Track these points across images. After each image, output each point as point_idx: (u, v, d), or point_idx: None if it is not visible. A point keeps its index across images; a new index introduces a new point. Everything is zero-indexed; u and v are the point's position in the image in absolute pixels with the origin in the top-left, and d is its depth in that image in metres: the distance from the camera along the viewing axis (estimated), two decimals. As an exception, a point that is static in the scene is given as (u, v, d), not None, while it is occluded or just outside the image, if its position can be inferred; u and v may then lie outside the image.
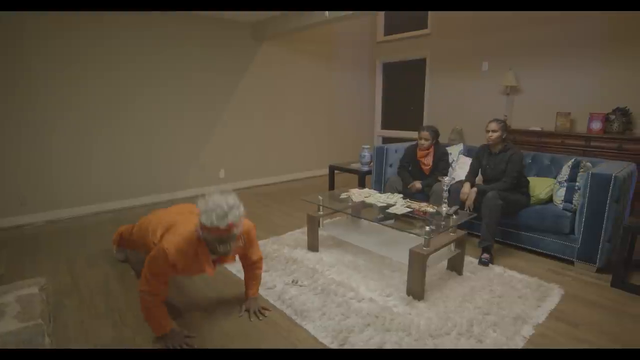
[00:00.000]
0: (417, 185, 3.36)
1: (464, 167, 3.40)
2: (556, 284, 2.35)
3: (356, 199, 2.78)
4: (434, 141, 3.39)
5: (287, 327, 1.93)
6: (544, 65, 4.43)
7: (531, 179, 3.01)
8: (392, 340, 1.79)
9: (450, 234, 2.38)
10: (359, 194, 2.86)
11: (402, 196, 2.83)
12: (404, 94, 6.27)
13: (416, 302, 2.12)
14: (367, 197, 2.79)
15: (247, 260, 2.03)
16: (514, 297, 2.19)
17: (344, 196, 2.91)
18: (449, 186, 2.55)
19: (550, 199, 2.91)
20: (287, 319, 2.00)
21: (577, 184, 2.68)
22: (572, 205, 2.66)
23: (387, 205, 2.60)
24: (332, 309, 2.05)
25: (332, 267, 2.57)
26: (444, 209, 2.47)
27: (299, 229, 3.37)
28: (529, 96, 4.62)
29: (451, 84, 5.41)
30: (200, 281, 2.41)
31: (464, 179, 3.05)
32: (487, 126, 2.88)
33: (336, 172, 4.56)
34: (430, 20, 5.53)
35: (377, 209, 2.67)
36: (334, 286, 2.30)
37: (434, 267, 2.41)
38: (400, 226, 2.53)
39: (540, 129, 4.31)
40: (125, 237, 2.53)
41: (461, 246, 2.44)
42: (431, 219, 2.40)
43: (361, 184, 4.05)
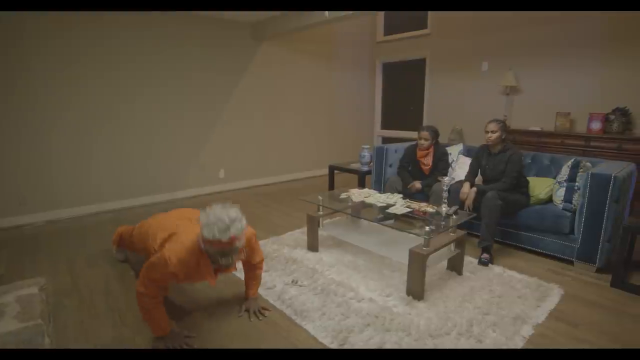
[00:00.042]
0: (417, 185, 3.36)
1: (463, 167, 3.40)
2: (556, 284, 2.35)
3: (356, 199, 2.78)
4: (434, 141, 3.39)
5: (287, 327, 1.93)
6: (544, 65, 4.43)
7: (531, 179, 3.01)
8: (392, 340, 1.79)
9: (450, 234, 2.38)
10: (358, 194, 2.86)
11: (402, 196, 2.83)
12: (403, 94, 6.27)
13: (416, 302, 2.12)
14: (367, 197, 2.79)
15: (249, 263, 2.04)
16: (513, 297, 2.19)
17: (344, 196, 2.91)
18: (449, 186, 2.55)
19: (550, 199, 2.91)
20: (286, 319, 2.00)
21: (576, 184, 2.68)
22: (572, 205, 2.66)
23: (387, 205, 2.60)
24: (332, 309, 2.05)
25: (332, 267, 2.57)
26: (444, 209, 2.47)
27: (298, 229, 3.37)
28: (528, 96, 4.62)
29: (451, 84, 5.41)
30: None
31: (464, 179, 3.05)
32: (486, 127, 2.88)
33: (336, 172, 4.56)
34: (430, 20, 5.53)
35: (377, 209, 2.67)
36: (333, 286, 2.30)
37: (433, 267, 2.42)
38: (400, 226, 2.53)
39: (540, 129, 4.31)
40: (125, 239, 2.53)
41: (461, 246, 2.44)
42: (431, 219, 2.40)
43: (361, 184, 4.05)
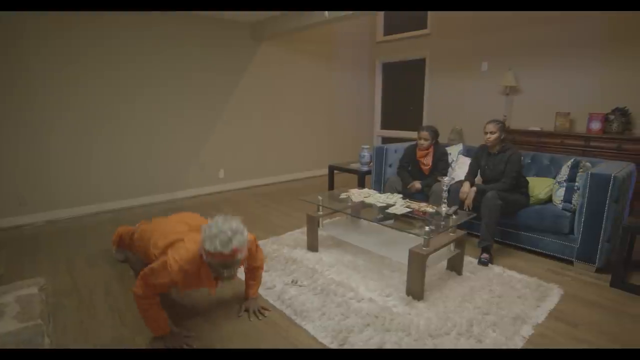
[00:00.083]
0: (417, 185, 3.36)
1: (463, 167, 3.40)
2: (555, 284, 2.35)
3: (356, 199, 2.78)
4: (434, 141, 3.39)
5: (287, 327, 1.93)
6: (544, 65, 4.43)
7: (530, 179, 3.01)
8: (391, 340, 1.79)
9: (449, 234, 2.38)
10: (358, 194, 2.86)
11: (401, 196, 2.83)
12: (403, 94, 6.27)
13: (416, 302, 2.12)
14: (366, 197, 2.79)
15: (250, 266, 2.04)
16: (513, 297, 2.19)
17: (344, 196, 2.91)
18: (449, 186, 2.55)
19: (549, 199, 2.91)
20: (286, 319, 2.00)
21: (576, 184, 2.68)
22: (572, 205, 2.66)
23: (386, 205, 2.60)
24: (332, 309, 2.05)
25: (332, 267, 2.57)
26: (444, 209, 2.47)
27: (298, 229, 3.37)
28: (528, 96, 4.62)
29: (451, 84, 5.41)
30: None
31: (463, 179, 3.05)
32: (485, 127, 2.87)
33: (336, 172, 4.56)
34: (429, 20, 5.52)
35: (376, 209, 2.67)
36: (333, 286, 2.30)
37: (433, 267, 2.41)
38: (399, 226, 2.53)
39: (539, 129, 4.31)
40: (125, 239, 2.53)
41: (461, 246, 2.44)
42: (431, 219, 2.40)
43: (361, 184, 4.05)
